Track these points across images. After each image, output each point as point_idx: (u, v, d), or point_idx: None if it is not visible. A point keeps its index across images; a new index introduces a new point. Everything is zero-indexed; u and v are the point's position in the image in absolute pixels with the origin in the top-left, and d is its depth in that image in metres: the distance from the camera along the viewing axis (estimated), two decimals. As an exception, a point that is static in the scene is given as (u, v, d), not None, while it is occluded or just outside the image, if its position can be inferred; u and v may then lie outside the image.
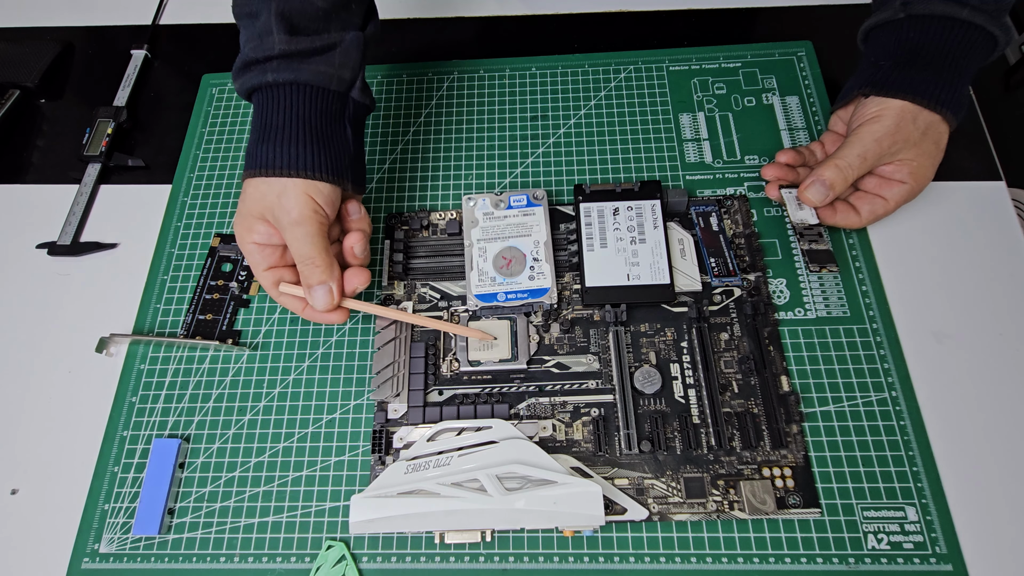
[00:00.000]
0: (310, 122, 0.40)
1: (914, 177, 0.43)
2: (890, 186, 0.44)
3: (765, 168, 0.46)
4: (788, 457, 0.39)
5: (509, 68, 0.55)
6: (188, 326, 0.46)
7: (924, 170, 0.43)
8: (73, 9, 0.62)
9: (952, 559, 0.37)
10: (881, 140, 0.42)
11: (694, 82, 0.53)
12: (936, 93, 0.42)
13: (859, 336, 0.43)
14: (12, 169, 0.54)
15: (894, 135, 0.42)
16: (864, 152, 0.42)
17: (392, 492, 0.37)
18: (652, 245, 0.44)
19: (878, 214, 0.44)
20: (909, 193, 0.43)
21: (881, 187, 0.44)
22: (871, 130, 0.42)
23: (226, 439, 0.42)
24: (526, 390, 0.42)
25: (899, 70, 0.43)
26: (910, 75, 0.42)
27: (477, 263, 0.45)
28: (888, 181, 0.44)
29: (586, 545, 0.38)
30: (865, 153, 0.42)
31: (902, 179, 0.43)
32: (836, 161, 0.43)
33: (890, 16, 0.44)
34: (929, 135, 0.42)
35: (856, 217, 0.44)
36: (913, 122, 0.42)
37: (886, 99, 0.42)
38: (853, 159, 0.42)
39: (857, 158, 0.42)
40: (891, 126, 0.42)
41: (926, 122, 0.42)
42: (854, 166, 0.42)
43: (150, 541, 0.40)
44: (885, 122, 0.42)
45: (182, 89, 0.57)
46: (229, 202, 0.51)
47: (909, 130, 0.42)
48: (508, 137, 0.52)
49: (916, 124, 0.42)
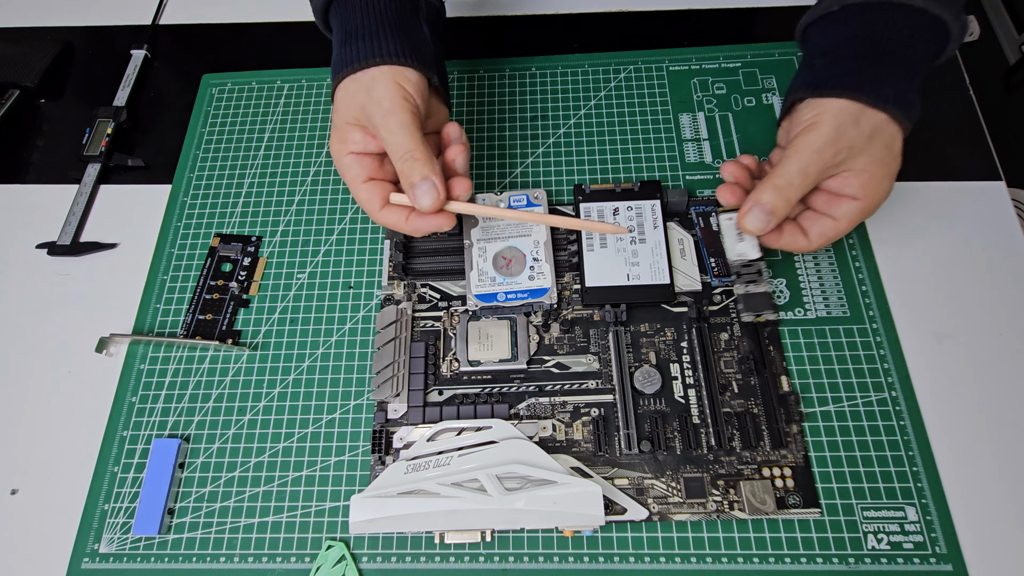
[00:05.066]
0: (388, 16, 0.39)
1: (865, 190, 0.37)
2: (839, 203, 0.38)
3: (724, 165, 0.41)
4: (788, 457, 0.39)
5: (509, 68, 0.55)
6: (188, 326, 0.46)
7: (877, 181, 0.37)
8: (73, 9, 0.62)
9: (952, 559, 0.37)
10: (822, 150, 0.36)
11: (694, 82, 0.53)
12: (877, 88, 0.36)
13: (859, 336, 0.43)
14: (12, 169, 0.54)
15: (836, 143, 0.36)
16: (804, 167, 0.37)
17: (392, 492, 0.37)
18: (652, 245, 0.44)
19: (828, 236, 0.39)
20: (861, 211, 0.38)
21: (830, 205, 0.39)
22: (809, 140, 0.37)
23: (226, 439, 0.42)
24: (526, 390, 0.42)
25: (834, 67, 0.38)
26: (846, 71, 0.37)
27: (477, 263, 0.45)
28: (837, 197, 0.39)
29: (586, 545, 0.38)
30: (806, 168, 0.37)
31: (852, 194, 0.38)
32: (774, 181, 0.37)
33: (824, 9, 0.40)
34: (878, 139, 0.37)
35: (804, 240, 0.39)
36: (856, 125, 0.36)
37: (822, 100, 0.37)
38: (793, 176, 0.37)
39: (798, 175, 0.37)
40: (830, 132, 0.36)
41: (871, 124, 0.36)
42: (795, 184, 0.37)
43: (150, 541, 0.40)
44: (823, 128, 0.36)
45: (182, 89, 0.57)
46: (229, 202, 0.51)
47: (852, 135, 0.36)
48: (508, 137, 0.52)
49: (860, 127, 0.36)
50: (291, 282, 0.47)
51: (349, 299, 0.46)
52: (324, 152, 0.52)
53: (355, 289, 0.47)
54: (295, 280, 0.47)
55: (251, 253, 0.48)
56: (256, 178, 0.52)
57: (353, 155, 0.39)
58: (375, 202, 0.39)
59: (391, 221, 0.39)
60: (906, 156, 0.49)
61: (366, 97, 0.37)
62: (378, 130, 0.37)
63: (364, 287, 0.47)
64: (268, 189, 0.51)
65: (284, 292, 0.47)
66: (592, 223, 0.42)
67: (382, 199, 0.39)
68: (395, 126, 0.37)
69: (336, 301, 0.46)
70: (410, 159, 0.37)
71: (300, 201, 0.50)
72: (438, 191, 0.37)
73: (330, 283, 0.47)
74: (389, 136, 0.37)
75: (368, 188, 0.39)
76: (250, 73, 0.56)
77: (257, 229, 0.50)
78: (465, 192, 0.39)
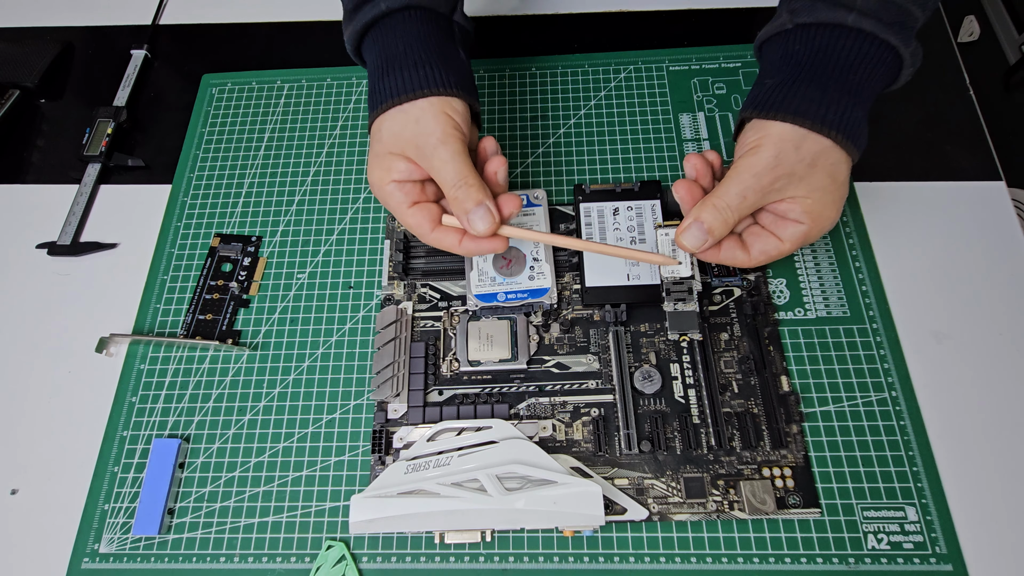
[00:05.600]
0: (430, 45, 0.39)
1: (809, 216, 0.36)
2: (785, 225, 0.38)
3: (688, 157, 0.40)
4: (788, 457, 0.39)
5: (509, 68, 0.55)
6: (188, 326, 0.46)
7: (821, 208, 0.36)
8: (73, 9, 0.62)
9: (952, 559, 0.37)
10: (760, 175, 0.36)
11: (694, 82, 0.53)
12: (820, 113, 0.35)
13: (859, 336, 0.43)
14: (12, 169, 0.54)
15: (775, 169, 0.35)
16: (743, 190, 0.36)
17: (392, 492, 0.37)
18: (652, 245, 0.44)
19: (771, 255, 0.38)
20: (806, 235, 0.37)
21: (776, 225, 0.38)
22: (749, 164, 0.36)
23: (226, 439, 0.42)
24: (526, 390, 0.42)
25: (781, 88, 0.37)
26: (792, 93, 0.36)
27: (477, 263, 0.45)
28: (782, 219, 0.38)
29: (586, 545, 0.38)
30: (744, 191, 0.36)
31: (797, 218, 0.37)
32: (714, 200, 0.37)
33: (779, 27, 0.39)
34: (820, 167, 0.36)
35: (744, 255, 0.38)
36: (796, 150, 0.35)
37: (766, 123, 0.36)
38: (732, 198, 0.36)
39: (736, 197, 0.36)
40: (769, 158, 0.35)
41: (812, 151, 0.35)
42: (733, 207, 0.36)
43: (150, 541, 0.40)
44: (763, 153, 0.36)
45: (182, 89, 0.57)
46: (229, 202, 0.51)
47: (791, 161, 0.35)
48: (508, 137, 0.52)
49: (800, 153, 0.35)
50: (291, 282, 0.47)
51: (349, 299, 0.46)
52: (324, 152, 0.52)
53: (355, 289, 0.47)
54: (295, 280, 0.47)
55: (251, 253, 0.48)
56: (256, 178, 0.52)
57: (396, 183, 0.38)
58: (426, 225, 0.39)
59: (445, 243, 0.39)
60: (906, 156, 0.49)
61: (415, 128, 0.37)
62: (430, 160, 0.37)
63: (364, 287, 0.47)
64: (268, 189, 0.51)
65: (284, 292, 0.47)
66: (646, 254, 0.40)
67: (432, 221, 0.39)
68: (448, 155, 0.37)
69: (336, 301, 0.46)
70: (464, 186, 0.37)
71: (300, 201, 0.50)
72: (492, 215, 0.37)
73: (330, 283, 0.47)
74: (443, 165, 0.37)
75: (416, 212, 0.39)
76: (250, 73, 0.56)
77: (257, 229, 0.50)
78: (515, 209, 0.39)
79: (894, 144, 0.50)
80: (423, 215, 0.39)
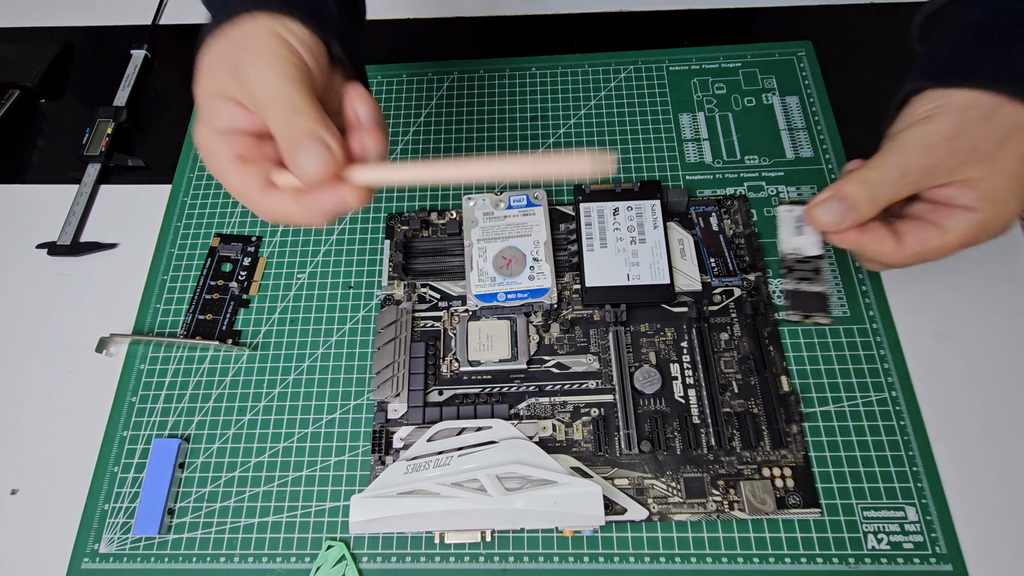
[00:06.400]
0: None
1: (990, 204, 0.29)
2: (950, 213, 0.30)
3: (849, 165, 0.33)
4: (788, 457, 0.39)
5: (509, 68, 0.55)
6: (188, 326, 0.46)
7: (1005, 197, 0.29)
8: (73, 9, 0.62)
9: (952, 559, 0.37)
10: (932, 148, 0.29)
11: (694, 82, 0.53)
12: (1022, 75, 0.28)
13: (859, 336, 0.43)
14: (12, 169, 0.54)
15: (953, 141, 0.28)
16: (904, 164, 0.29)
17: (392, 492, 0.37)
18: (652, 245, 0.44)
19: (930, 249, 0.30)
20: (981, 226, 0.29)
21: (937, 213, 0.30)
22: (920, 133, 0.29)
23: (226, 439, 0.42)
24: (526, 390, 0.42)
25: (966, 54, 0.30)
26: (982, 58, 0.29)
27: (477, 263, 0.45)
28: (946, 207, 0.30)
29: (586, 545, 0.38)
30: (906, 165, 0.29)
31: (970, 204, 0.29)
32: (865, 173, 0.30)
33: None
34: (1012, 146, 0.28)
35: (894, 246, 0.31)
36: (986, 122, 0.28)
37: (946, 91, 0.29)
38: (888, 171, 0.29)
39: (894, 171, 0.29)
40: (949, 127, 0.28)
41: (1007, 123, 0.28)
42: (889, 181, 0.29)
43: (150, 541, 0.40)
44: (940, 122, 0.29)
45: (182, 89, 0.57)
46: (229, 202, 0.51)
47: (978, 134, 0.28)
48: (508, 137, 0.52)
49: (991, 125, 0.28)
50: (291, 282, 0.47)
51: (349, 299, 0.46)
52: (324, 152, 0.52)
53: (355, 289, 0.47)
54: (295, 280, 0.47)
55: (251, 253, 0.48)
56: (256, 178, 0.52)
57: (217, 133, 0.29)
58: (252, 185, 0.29)
59: (278, 208, 0.29)
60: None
61: (236, 54, 0.29)
62: (249, 85, 0.28)
63: (364, 287, 0.47)
64: (268, 189, 0.51)
65: (284, 292, 0.47)
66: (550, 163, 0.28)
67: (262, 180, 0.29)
68: (268, 73, 0.28)
69: (336, 301, 0.46)
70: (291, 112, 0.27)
71: (300, 201, 0.50)
72: (332, 152, 0.27)
73: (330, 283, 0.47)
74: (261, 87, 0.28)
75: (241, 170, 0.29)
76: (250, 73, 0.56)
77: (257, 229, 0.50)
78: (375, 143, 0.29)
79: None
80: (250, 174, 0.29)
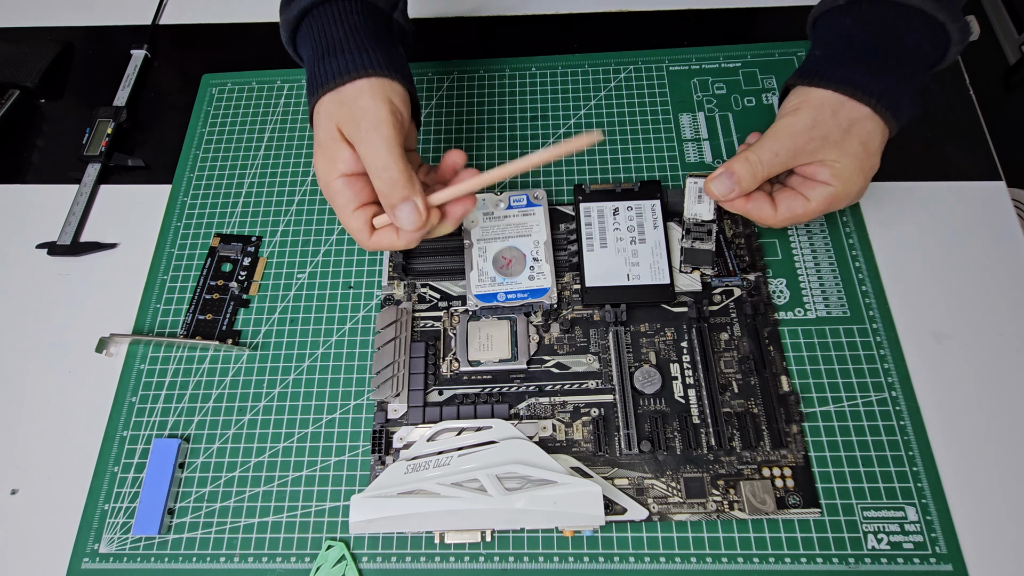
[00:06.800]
0: (369, 31, 0.39)
1: (839, 180, 0.38)
2: (812, 186, 0.39)
3: None
4: (788, 457, 0.39)
5: (509, 68, 0.55)
6: (188, 326, 0.46)
7: (850, 174, 0.38)
8: (73, 9, 0.62)
9: (952, 559, 0.37)
10: (796, 136, 0.37)
11: (694, 82, 0.53)
12: (863, 82, 0.37)
13: (859, 336, 0.43)
14: (12, 169, 0.54)
15: (810, 131, 0.37)
16: (777, 148, 0.38)
17: (392, 492, 0.37)
18: (652, 245, 0.44)
19: (796, 214, 0.39)
20: (833, 197, 0.38)
21: (804, 186, 0.39)
22: (787, 124, 0.38)
23: (226, 439, 0.42)
24: (526, 390, 0.42)
25: (828, 59, 0.39)
26: (837, 63, 0.38)
27: (477, 263, 0.45)
28: (811, 181, 0.39)
29: (586, 545, 0.38)
30: (778, 149, 0.38)
31: (826, 180, 0.38)
32: (748, 154, 0.38)
33: (833, 2, 0.40)
34: (854, 134, 0.37)
35: (771, 211, 0.40)
36: (833, 116, 0.37)
37: (808, 89, 0.38)
38: (764, 153, 0.38)
39: (768, 152, 0.38)
40: (807, 120, 0.37)
41: (849, 117, 0.37)
42: (765, 162, 0.38)
43: (150, 541, 0.40)
44: (801, 115, 0.38)
45: (182, 89, 0.57)
46: (229, 202, 0.51)
47: (828, 126, 0.37)
48: (508, 137, 0.52)
49: (837, 119, 0.37)
50: (291, 282, 0.47)
51: (349, 299, 0.46)
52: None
53: (355, 289, 0.47)
54: (295, 280, 0.47)
55: (251, 253, 0.48)
56: (256, 178, 0.52)
57: (344, 178, 0.37)
58: (365, 231, 0.37)
59: (385, 243, 0.38)
60: (906, 156, 0.49)
61: (351, 109, 0.36)
62: (359, 143, 0.36)
63: (364, 287, 0.47)
64: (268, 189, 0.51)
65: (284, 292, 0.47)
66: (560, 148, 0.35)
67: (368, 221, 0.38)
68: (377, 140, 0.35)
69: (336, 301, 0.46)
70: (391, 182, 0.35)
71: (300, 201, 0.50)
72: (419, 212, 0.36)
73: (330, 283, 0.47)
74: (369, 150, 0.35)
75: (359, 217, 0.37)
76: (250, 73, 0.56)
77: (257, 229, 0.50)
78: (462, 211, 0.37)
79: (894, 144, 0.49)
80: (364, 220, 0.37)
